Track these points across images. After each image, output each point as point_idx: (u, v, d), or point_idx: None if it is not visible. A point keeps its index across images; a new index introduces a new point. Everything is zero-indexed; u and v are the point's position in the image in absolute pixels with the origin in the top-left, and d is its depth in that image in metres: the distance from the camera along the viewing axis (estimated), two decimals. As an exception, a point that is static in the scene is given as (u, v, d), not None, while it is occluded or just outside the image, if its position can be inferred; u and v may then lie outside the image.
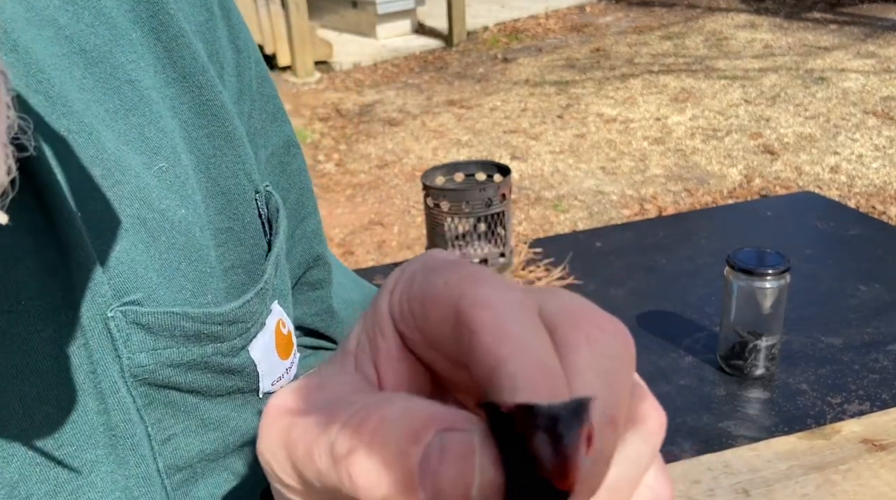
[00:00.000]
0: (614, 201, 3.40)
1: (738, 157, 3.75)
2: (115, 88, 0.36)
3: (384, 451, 0.18)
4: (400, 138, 4.37)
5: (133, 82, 0.37)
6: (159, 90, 0.38)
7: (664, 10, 6.80)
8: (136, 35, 0.37)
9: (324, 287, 0.55)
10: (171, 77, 0.39)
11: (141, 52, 0.38)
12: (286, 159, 0.50)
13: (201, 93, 0.40)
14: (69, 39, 0.35)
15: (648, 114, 4.40)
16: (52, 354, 0.33)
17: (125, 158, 0.35)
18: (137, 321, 0.35)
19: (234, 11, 0.45)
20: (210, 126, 0.40)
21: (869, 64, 4.90)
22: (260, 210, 0.44)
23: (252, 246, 0.43)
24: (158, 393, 0.36)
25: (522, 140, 4.18)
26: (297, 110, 5.02)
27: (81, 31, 0.35)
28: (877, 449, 0.84)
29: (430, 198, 1.18)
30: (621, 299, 1.20)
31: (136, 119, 0.37)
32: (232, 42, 0.44)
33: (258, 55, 0.48)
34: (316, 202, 0.54)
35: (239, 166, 0.42)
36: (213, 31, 0.42)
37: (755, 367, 0.99)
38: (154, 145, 0.37)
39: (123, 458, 0.35)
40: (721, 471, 0.82)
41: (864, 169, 3.50)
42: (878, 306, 1.14)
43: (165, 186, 0.37)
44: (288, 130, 0.51)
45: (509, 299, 0.19)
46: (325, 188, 3.77)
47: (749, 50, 5.46)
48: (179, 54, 0.39)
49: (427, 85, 5.36)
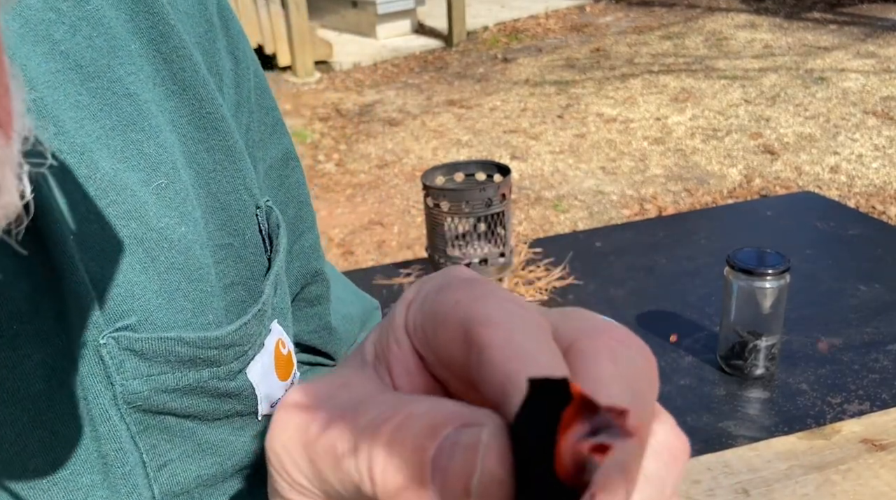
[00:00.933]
0: (614, 201, 3.40)
1: (738, 157, 3.75)
2: (113, 103, 0.35)
3: (403, 446, 0.18)
4: (400, 138, 4.37)
5: (132, 96, 0.36)
6: (158, 103, 0.37)
7: (664, 10, 6.80)
8: (135, 46, 0.37)
9: (322, 303, 0.54)
10: (171, 90, 0.38)
11: (140, 65, 0.37)
12: (285, 173, 0.49)
13: (201, 106, 0.39)
14: (64, 55, 0.34)
15: (648, 114, 4.40)
16: (44, 378, 0.32)
17: (121, 177, 0.34)
18: (131, 347, 0.34)
19: (234, 22, 0.44)
20: (210, 140, 0.40)
21: (869, 64, 4.90)
22: (261, 226, 0.43)
23: (252, 263, 0.42)
24: (153, 419, 0.36)
25: (522, 140, 4.18)
26: (297, 110, 5.02)
27: (78, 44, 0.34)
28: (877, 449, 0.84)
29: (430, 198, 1.18)
30: (621, 299, 1.20)
31: (135, 135, 0.36)
32: (231, 53, 0.43)
33: (257, 66, 0.47)
34: (315, 217, 0.53)
35: (239, 181, 0.41)
36: (212, 43, 0.42)
37: (755, 367, 0.99)
38: (153, 161, 0.36)
39: (115, 486, 0.35)
40: (721, 471, 0.82)
41: (863, 169, 3.50)
42: (878, 306, 1.14)
43: (165, 203, 0.36)
44: (287, 143, 0.50)
45: (517, 317, 0.19)
46: (325, 188, 3.77)
47: (749, 50, 5.46)
48: (179, 66, 0.38)
49: (427, 85, 5.36)
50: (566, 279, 1.27)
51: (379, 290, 1.29)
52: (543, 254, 1.35)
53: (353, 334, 0.59)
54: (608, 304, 1.19)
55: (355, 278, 1.36)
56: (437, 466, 0.17)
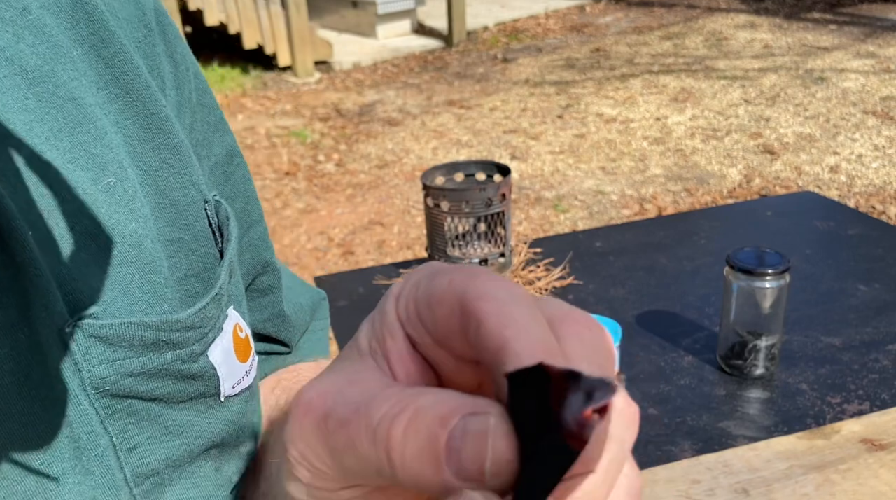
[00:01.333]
0: (614, 201, 3.40)
1: (738, 157, 3.75)
2: (59, 107, 0.36)
3: (418, 436, 0.20)
4: (400, 138, 4.37)
5: (76, 99, 0.37)
6: (102, 106, 0.38)
7: (664, 10, 6.80)
8: (77, 52, 0.38)
9: (274, 293, 0.56)
10: (114, 93, 0.39)
11: (83, 69, 0.38)
12: (230, 169, 0.51)
13: (145, 107, 0.40)
14: (10, 61, 0.35)
15: (648, 114, 4.40)
16: (11, 370, 0.33)
17: (71, 176, 0.36)
18: (95, 334, 0.35)
19: (171, 26, 0.46)
20: (155, 140, 0.41)
21: (868, 64, 4.90)
22: (210, 219, 0.45)
23: (204, 255, 0.43)
24: (120, 403, 0.36)
25: (522, 140, 4.19)
26: (297, 110, 5.02)
27: (22, 51, 0.35)
28: (876, 449, 0.84)
29: (430, 198, 1.19)
30: (621, 299, 1.20)
31: (81, 136, 0.37)
32: (169, 56, 0.45)
33: (196, 68, 0.49)
34: (262, 210, 0.55)
35: (186, 177, 0.43)
36: (151, 47, 0.43)
37: (755, 367, 0.99)
38: (100, 161, 0.37)
39: (89, 468, 0.36)
40: (721, 471, 0.82)
41: (863, 169, 3.51)
42: (878, 306, 1.14)
43: (114, 200, 0.37)
44: (230, 140, 0.52)
45: (509, 291, 0.22)
46: (325, 188, 3.77)
47: (749, 50, 5.46)
48: (122, 70, 0.39)
49: (427, 85, 5.36)
50: (566, 279, 1.27)
51: (379, 290, 1.29)
52: (543, 254, 1.35)
53: (305, 322, 0.61)
54: (608, 304, 1.19)
55: (355, 277, 1.36)
56: (451, 451, 0.20)
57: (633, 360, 1.04)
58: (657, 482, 0.81)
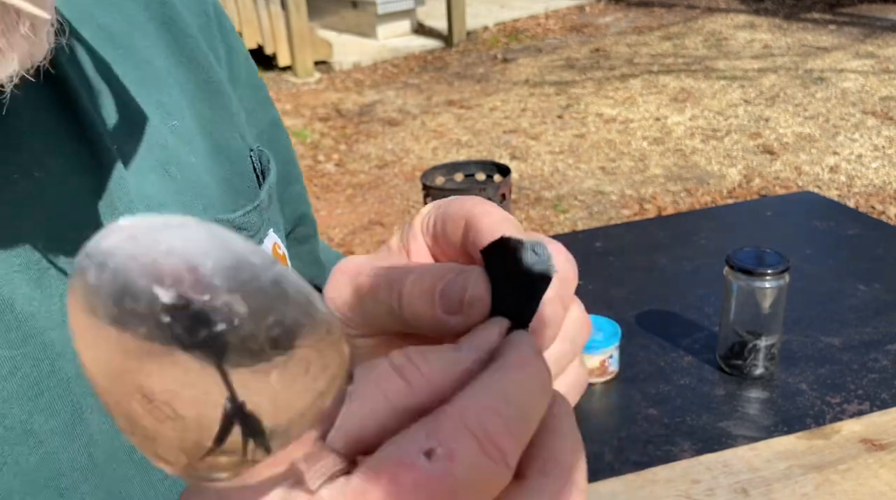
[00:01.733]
0: (614, 201, 3.40)
1: (738, 157, 3.75)
2: (136, 64, 0.45)
3: (422, 285, 0.27)
4: (400, 138, 4.37)
5: (149, 61, 0.46)
6: (170, 70, 0.48)
7: (664, 10, 6.80)
8: (151, 27, 0.48)
9: (310, 242, 0.67)
10: (179, 60, 0.49)
11: (154, 40, 0.47)
12: (274, 135, 0.61)
13: (204, 73, 0.50)
14: (101, 28, 0.44)
15: (648, 114, 4.40)
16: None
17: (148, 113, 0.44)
18: None
19: (225, 17, 0.56)
20: (211, 100, 0.50)
21: (868, 64, 4.91)
22: (254, 164, 0.53)
23: (248, 192, 0.51)
24: None
25: (522, 140, 4.19)
26: (297, 110, 5.02)
27: (110, 22, 0.45)
28: (876, 449, 0.84)
29: (430, 198, 1.19)
30: (621, 299, 1.20)
31: (153, 89, 0.46)
32: (224, 41, 0.55)
33: (247, 54, 0.59)
34: (300, 171, 0.65)
35: (234, 130, 0.51)
36: (209, 30, 0.53)
37: (755, 367, 0.99)
38: (167, 109, 0.46)
39: None
40: (720, 471, 0.83)
41: (863, 169, 3.51)
42: (878, 306, 1.14)
43: (177, 138, 0.46)
44: (274, 112, 0.61)
45: (504, 215, 0.28)
46: (325, 188, 3.77)
47: (748, 50, 5.46)
48: (185, 43, 0.49)
49: (427, 85, 5.36)
50: (566, 279, 1.27)
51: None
52: (543, 254, 1.35)
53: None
54: (608, 304, 1.19)
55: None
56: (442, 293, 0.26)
57: (632, 360, 1.04)
58: (657, 482, 0.81)
